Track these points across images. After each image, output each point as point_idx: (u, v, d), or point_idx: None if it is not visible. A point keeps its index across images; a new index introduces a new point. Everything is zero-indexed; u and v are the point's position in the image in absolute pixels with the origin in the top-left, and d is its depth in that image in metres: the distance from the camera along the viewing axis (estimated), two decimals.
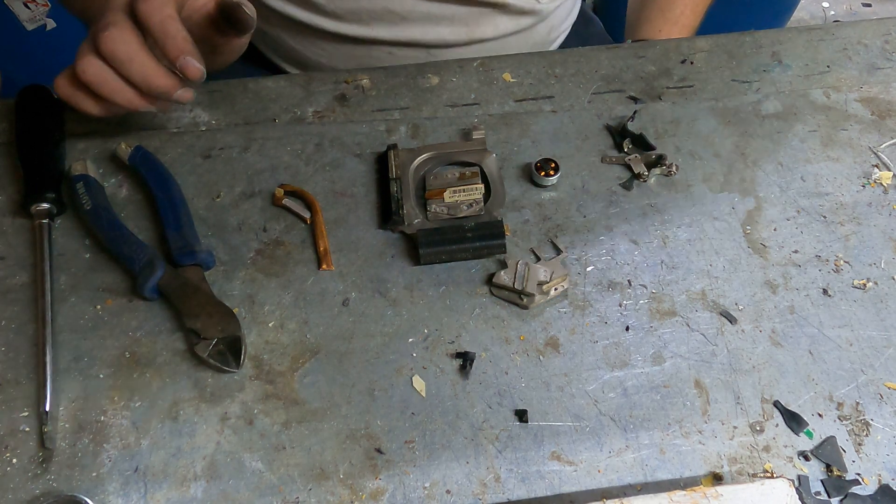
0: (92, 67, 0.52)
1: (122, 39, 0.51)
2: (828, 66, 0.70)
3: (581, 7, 0.95)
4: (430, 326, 0.54)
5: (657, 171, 0.61)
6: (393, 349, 0.53)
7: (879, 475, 0.48)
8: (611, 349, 0.53)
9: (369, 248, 0.57)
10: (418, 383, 0.51)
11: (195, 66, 0.52)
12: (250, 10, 0.53)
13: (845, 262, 0.57)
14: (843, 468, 0.48)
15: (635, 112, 0.65)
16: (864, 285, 0.56)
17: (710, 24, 0.83)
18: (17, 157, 0.59)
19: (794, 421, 0.50)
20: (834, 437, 0.49)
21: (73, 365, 0.51)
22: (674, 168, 0.61)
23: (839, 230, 0.59)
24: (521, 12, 0.77)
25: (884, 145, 0.64)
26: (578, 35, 0.91)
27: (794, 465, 0.48)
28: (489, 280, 0.56)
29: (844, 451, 0.49)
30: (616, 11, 0.93)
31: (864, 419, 0.50)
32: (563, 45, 0.88)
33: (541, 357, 0.52)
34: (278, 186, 0.60)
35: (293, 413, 0.50)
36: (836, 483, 0.48)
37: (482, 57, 0.69)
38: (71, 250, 0.56)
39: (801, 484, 0.48)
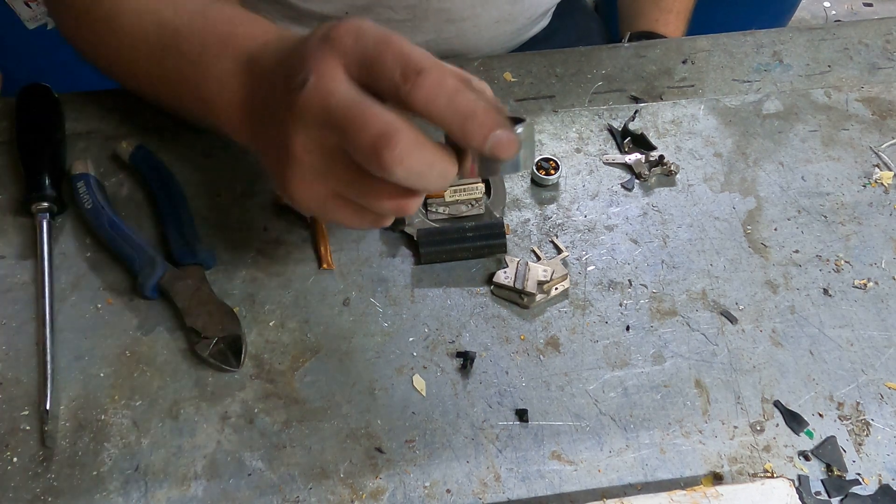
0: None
1: (417, 145, 0.37)
2: (829, 66, 0.69)
3: (582, 3, 0.95)
4: (430, 326, 0.54)
5: (658, 170, 0.61)
6: (393, 348, 0.53)
7: (880, 475, 0.48)
8: (611, 349, 0.53)
9: (370, 248, 0.57)
10: (419, 383, 0.51)
11: (510, 139, 0.37)
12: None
13: (846, 262, 0.57)
14: (844, 468, 0.48)
15: (636, 112, 0.65)
16: (865, 285, 0.56)
17: (711, 24, 0.83)
18: (17, 156, 0.59)
19: (794, 421, 0.50)
20: (834, 437, 0.49)
21: (74, 364, 0.51)
22: (674, 168, 0.61)
23: (840, 230, 0.59)
24: None
25: (885, 145, 0.64)
26: (578, 30, 0.91)
27: (794, 465, 0.48)
28: (489, 280, 0.56)
29: (845, 451, 0.49)
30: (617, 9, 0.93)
31: (865, 419, 0.50)
32: (549, 32, 0.87)
33: (541, 357, 0.52)
34: None
35: (293, 412, 0.50)
36: (837, 483, 0.48)
37: (483, 56, 0.69)
38: (71, 249, 0.56)
39: (801, 484, 0.48)
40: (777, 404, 0.51)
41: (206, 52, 0.49)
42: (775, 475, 0.48)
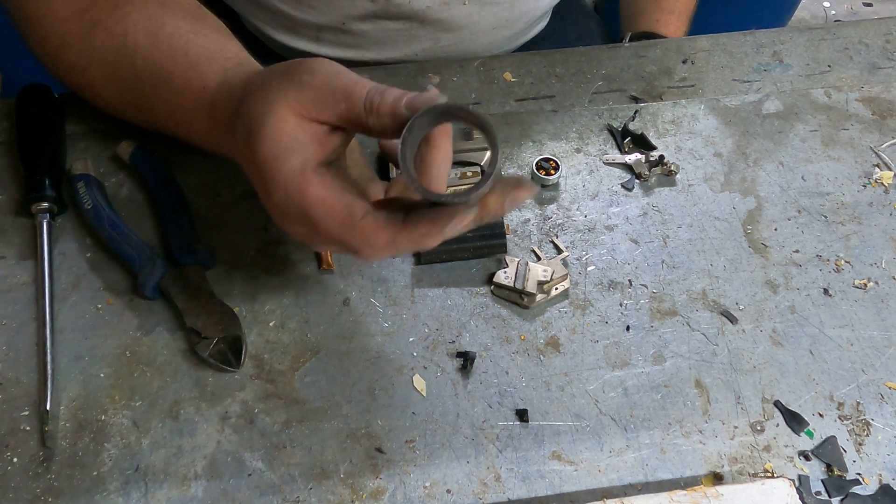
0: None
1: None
2: (829, 66, 0.69)
3: (581, 3, 0.95)
4: (430, 326, 0.54)
5: (658, 170, 0.61)
6: (393, 349, 0.53)
7: (880, 475, 0.48)
8: (611, 349, 0.53)
9: None
10: (419, 383, 0.51)
11: (449, 222, 0.40)
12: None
13: (846, 261, 0.57)
14: (844, 468, 0.48)
15: (636, 112, 0.65)
16: (865, 285, 0.56)
17: (711, 24, 0.83)
18: (17, 156, 0.59)
19: (794, 421, 0.50)
20: (834, 436, 0.49)
21: (74, 364, 0.51)
22: (674, 168, 0.61)
23: (840, 230, 0.59)
24: None
25: (885, 145, 0.64)
26: (577, 30, 0.90)
27: (794, 465, 0.48)
28: (490, 280, 0.56)
29: (845, 450, 0.49)
30: (617, 9, 0.93)
31: (865, 419, 0.50)
32: (548, 32, 0.87)
33: (541, 357, 0.52)
34: None
35: (294, 412, 0.50)
36: (837, 483, 0.48)
37: (483, 56, 0.69)
38: (71, 250, 0.56)
39: (801, 484, 0.48)
40: (777, 404, 0.51)
41: (175, 113, 0.53)
42: (775, 475, 0.48)
